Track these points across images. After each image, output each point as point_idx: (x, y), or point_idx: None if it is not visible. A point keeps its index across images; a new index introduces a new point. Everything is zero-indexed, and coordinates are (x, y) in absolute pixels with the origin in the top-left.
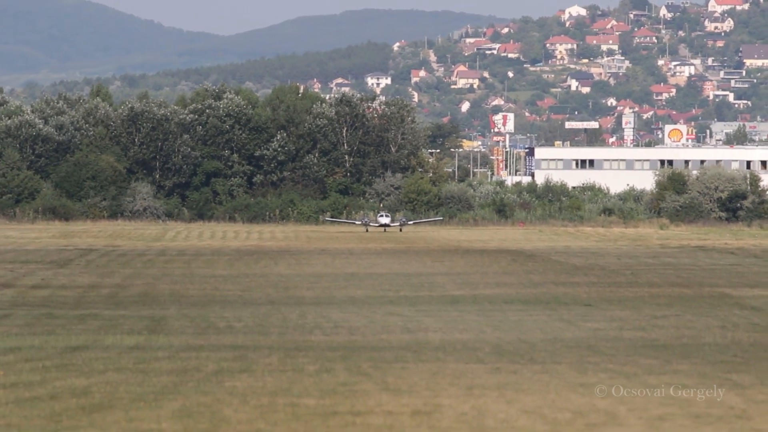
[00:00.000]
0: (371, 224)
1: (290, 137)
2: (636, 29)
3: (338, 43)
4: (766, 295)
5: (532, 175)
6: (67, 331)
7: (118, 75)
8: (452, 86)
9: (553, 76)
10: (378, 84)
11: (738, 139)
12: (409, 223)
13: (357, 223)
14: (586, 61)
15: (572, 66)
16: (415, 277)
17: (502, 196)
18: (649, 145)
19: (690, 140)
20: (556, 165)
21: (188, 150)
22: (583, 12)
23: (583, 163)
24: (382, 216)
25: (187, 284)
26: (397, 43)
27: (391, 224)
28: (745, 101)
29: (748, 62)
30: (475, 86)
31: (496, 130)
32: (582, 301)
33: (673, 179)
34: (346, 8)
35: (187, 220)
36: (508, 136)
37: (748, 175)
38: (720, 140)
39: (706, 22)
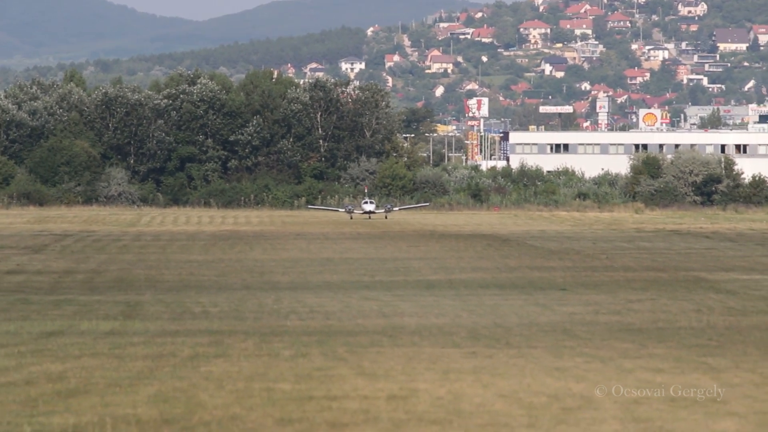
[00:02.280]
0: (355, 211)
1: (265, 122)
2: (610, 13)
3: (312, 28)
4: (741, 279)
5: (507, 159)
6: (43, 316)
7: (91, 60)
8: (426, 71)
9: (527, 60)
10: (352, 69)
11: (712, 123)
12: (395, 209)
13: (341, 210)
14: (560, 45)
15: (546, 50)
16: (391, 262)
17: (477, 180)
18: (623, 129)
19: (664, 124)
20: (530, 149)
21: (162, 135)
22: None
23: (557, 148)
24: (366, 203)
25: (163, 269)
26: (371, 28)
27: (376, 211)
28: (719, 85)
29: (721, 46)
30: (449, 71)
31: (470, 114)
32: (557, 286)
33: (647, 163)
34: None
35: (162, 206)
36: (482, 120)
37: (722, 159)
38: (694, 124)
39: (680, 6)
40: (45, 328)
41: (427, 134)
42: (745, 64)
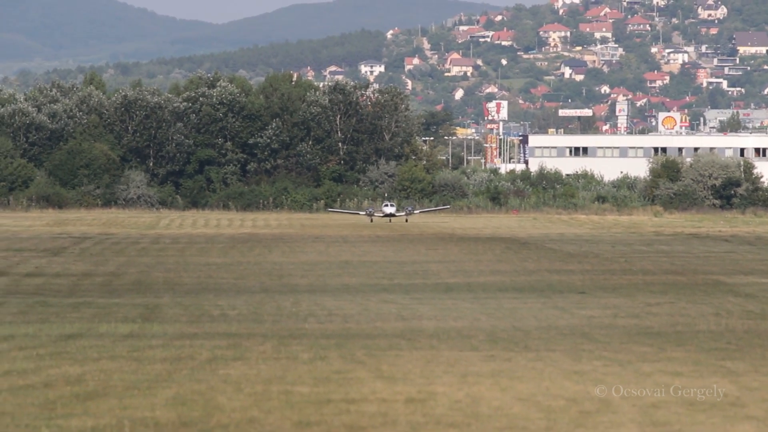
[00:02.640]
0: (376, 214)
1: (284, 125)
2: (629, 16)
3: (332, 31)
4: (760, 283)
5: (526, 162)
6: (61, 319)
7: (111, 63)
8: (446, 74)
9: (546, 63)
10: (371, 72)
11: (731, 126)
12: (416, 212)
13: (361, 213)
14: (579, 48)
15: (566, 53)
16: (409, 265)
17: (496, 183)
18: (642, 132)
19: (683, 128)
20: (549, 153)
21: (182, 138)
22: (576, 0)
23: (576, 151)
24: (386, 205)
25: (181, 272)
26: (391, 31)
27: (397, 214)
28: (738, 88)
29: (741, 49)
30: (468, 74)
31: (489, 117)
32: (576, 289)
33: (666, 167)
34: None
35: (181, 208)
36: (501, 123)
37: (741, 163)
38: (713, 128)
39: (700, 10)
40: (64, 331)
41: (446, 137)
42: (765, 67)
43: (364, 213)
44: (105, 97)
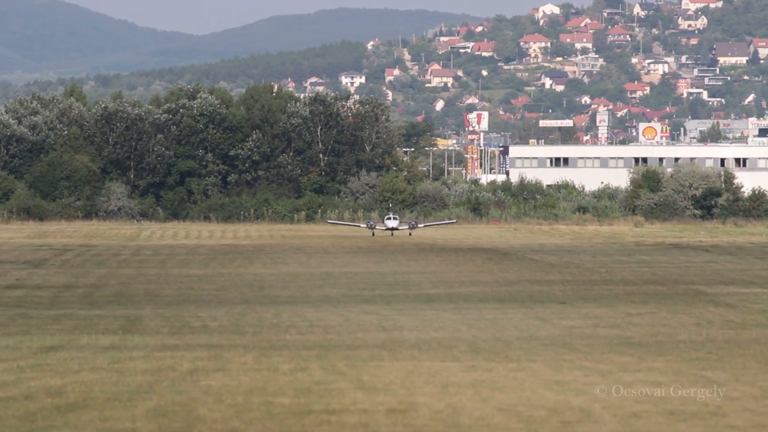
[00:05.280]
0: (378, 227)
1: (265, 137)
2: (610, 27)
3: (312, 42)
4: (740, 293)
5: (507, 173)
6: (42, 331)
7: (92, 75)
8: (426, 85)
9: (527, 74)
10: (352, 83)
11: (712, 136)
12: (420, 225)
13: (362, 225)
14: (560, 59)
15: (546, 64)
16: (391, 276)
17: (477, 194)
18: (623, 143)
19: (664, 138)
20: (530, 163)
21: (162, 150)
22: (556, 10)
23: (557, 162)
24: (389, 218)
25: (162, 284)
26: (371, 42)
27: (399, 227)
28: (718, 99)
29: (721, 60)
30: (449, 85)
31: (470, 128)
32: (557, 299)
33: (647, 177)
34: (320, 7)
35: (162, 220)
36: (482, 134)
37: (722, 173)
38: (694, 138)
39: (680, 20)
40: (44, 343)
41: (426, 148)
42: (745, 77)
43: (365, 226)
44: (85, 109)
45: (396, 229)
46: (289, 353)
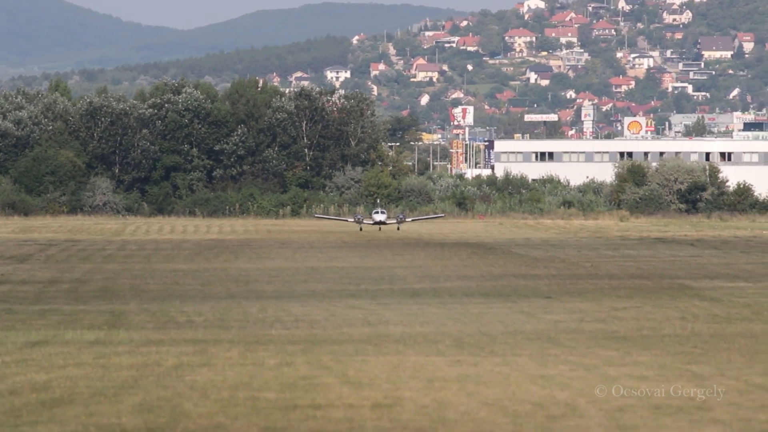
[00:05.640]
0: (365, 221)
1: (250, 131)
2: (595, 21)
3: (297, 37)
4: (725, 287)
5: (492, 167)
6: (27, 326)
7: (76, 70)
8: (411, 79)
9: (512, 68)
10: (337, 77)
11: (697, 131)
12: (408, 220)
13: (349, 220)
14: (545, 53)
15: (531, 59)
16: (376, 270)
17: (462, 189)
18: (608, 137)
19: (649, 132)
20: (515, 158)
21: (147, 144)
22: (541, 5)
23: (542, 156)
24: (377, 212)
25: (147, 279)
26: (357, 37)
27: (387, 222)
28: (703, 93)
29: (706, 54)
30: (434, 79)
31: (455, 123)
32: (542, 294)
33: (632, 171)
34: (305, 2)
35: (147, 215)
36: (467, 129)
37: (707, 167)
38: (679, 132)
39: (665, 15)
40: (29, 338)
41: (412, 143)
42: (730, 72)
43: (352, 220)
44: (70, 104)
45: (384, 223)
46: (274, 348)
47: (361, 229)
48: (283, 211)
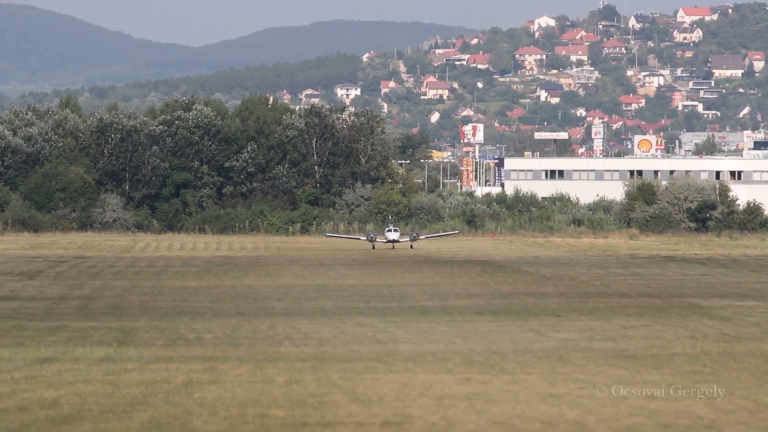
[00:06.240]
0: (378, 240)
1: (260, 148)
2: (605, 40)
3: (308, 54)
4: (735, 305)
5: (502, 185)
6: (37, 342)
7: (87, 86)
8: (422, 97)
9: (522, 86)
10: (347, 95)
11: (707, 149)
12: (421, 237)
13: (361, 238)
14: (555, 71)
15: (541, 77)
16: (386, 288)
17: (472, 206)
18: (618, 155)
19: (659, 150)
20: (525, 176)
21: (158, 161)
22: (552, 23)
23: (552, 174)
24: (390, 231)
25: (157, 296)
26: (367, 54)
27: (401, 240)
28: (714, 111)
29: (716, 72)
30: (444, 97)
31: (465, 140)
32: (552, 312)
33: (642, 189)
34: (315, 19)
35: (157, 232)
36: (477, 146)
37: (717, 186)
38: (689, 151)
39: (675, 33)
40: (39, 355)
41: (422, 160)
42: (740, 90)
43: (365, 238)
44: (81, 121)
45: (397, 241)
46: (283, 365)
47: (373, 248)
48: (293, 228)
